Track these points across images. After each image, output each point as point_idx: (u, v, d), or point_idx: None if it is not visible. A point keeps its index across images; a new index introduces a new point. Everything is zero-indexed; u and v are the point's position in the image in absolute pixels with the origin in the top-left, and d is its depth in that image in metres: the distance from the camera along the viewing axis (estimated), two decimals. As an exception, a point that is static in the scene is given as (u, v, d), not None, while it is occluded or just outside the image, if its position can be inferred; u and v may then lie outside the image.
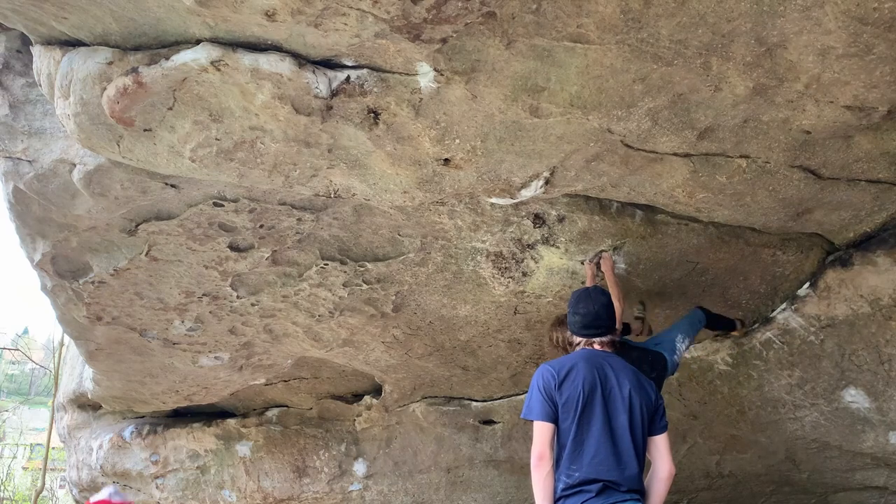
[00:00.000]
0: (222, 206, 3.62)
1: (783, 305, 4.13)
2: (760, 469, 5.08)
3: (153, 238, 3.82)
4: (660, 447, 2.64)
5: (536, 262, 3.93)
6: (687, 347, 3.77)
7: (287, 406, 6.13)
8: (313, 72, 2.49)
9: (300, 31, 2.33)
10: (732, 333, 4.36)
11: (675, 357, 3.64)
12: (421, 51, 2.34)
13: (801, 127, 2.75)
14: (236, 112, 2.65)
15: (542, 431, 2.58)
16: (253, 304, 4.38)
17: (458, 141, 2.77)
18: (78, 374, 6.81)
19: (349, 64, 2.50)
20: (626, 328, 4.11)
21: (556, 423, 2.59)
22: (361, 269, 4.10)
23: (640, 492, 2.56)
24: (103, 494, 2.10)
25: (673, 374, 3.72)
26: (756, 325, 4.30)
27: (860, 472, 4.78)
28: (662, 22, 2.23)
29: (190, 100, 2.61)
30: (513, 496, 5.77)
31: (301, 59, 2.47)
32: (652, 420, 2.64)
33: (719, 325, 4.17)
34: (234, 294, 4.27)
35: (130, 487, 6.70)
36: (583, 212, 3.62)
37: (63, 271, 4.12)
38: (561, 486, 2.54)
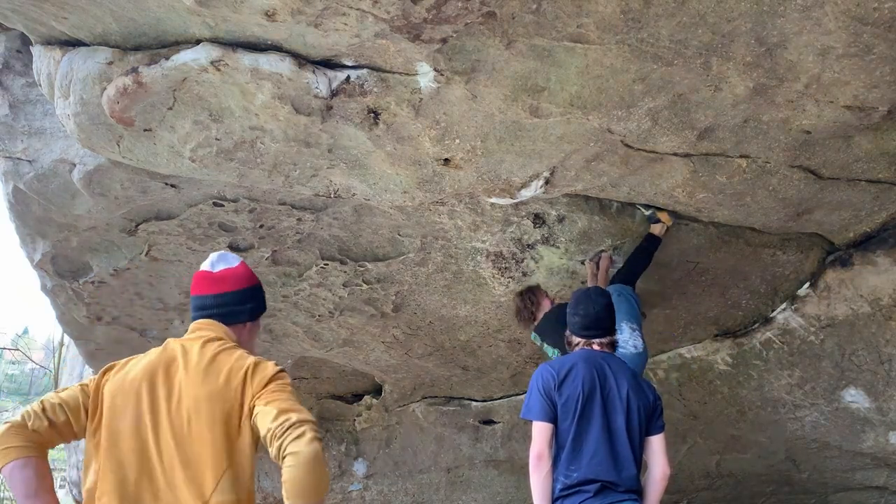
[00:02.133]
0: (222, 206, 3.62)
1: (783, 305, 4.13)
2: (760, 469, 5.08)
3: (153, 238, 3.82)
4: (656, 448, 2.65)
5: (536, 262, 3.94)
6: (633, 332, 3.35)
7: (287, 406, 6.11)
8: (313, 72, 2.49)
9: (300, 31, 2.33)
10: None
11: (622, 351, 3.18)
12: (421, 51, 2.34)
13: (801, 127, 2.75)
14: (236, 112, 2.65)
15: (541, 431, 2.58)
16: (253, 304, 4.37)
17: (458, 141, 2.77)
18: (78, 374, 6.81)
19: (349, 64, 2.50)
20: None
21: (555, 424, 2.59)
22: (361, 269, 4.10)
23: (638, 492, 2.57)
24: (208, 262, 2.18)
25: (640, 367, 3.32)
26: (756, 325, 4.30)
27: (860, 472, 4.78)
28: (662, 22, 2.23)
29: (190, 100, 2.61)
30: (513, 496, 5.77)
31: (301, 59, 2.47)
32: (649, 421, 2.64)
33: None
34: (234, 294, 4.26)
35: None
36: (583, 212, 3.62)
37: (63, 271, 4.12)
38: (559, 486, 2.54)
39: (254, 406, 1.78)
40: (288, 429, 1.65)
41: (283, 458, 1.64)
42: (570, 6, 2.17)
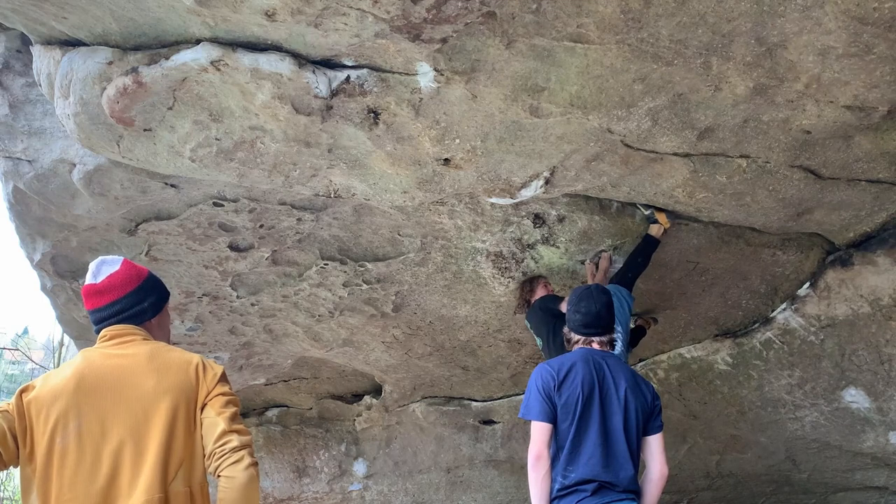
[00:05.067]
0: (222, 206, 3.62)
1: (783, 305, 4.13)
2: (760, 469, 5.08)
3: (153, 238, 3.82)
4: (653, 448, 2.64)
5: (536, 262, 3.94)
6: (622, 332, 3.39)
7: (287, 406, 6.13)
8: (313, 72, 2.49)
9: (300, 30, 2.33)
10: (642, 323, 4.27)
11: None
12: (421, 51, 2.34)
13: (801, 127, 2.75)
14: (236, 112, 2.65)
15: (540, 431, 2.58)
16: (253, 304, 4.38)
17: (458, 141, 2.77)
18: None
19: (349, 64, 2.50)
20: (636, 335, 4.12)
21: (555, 424, 2.59)
22: (361, 269, 4.10)
23: (636, 492, 2.57)
24: None
25: None
26: (756, 325, 4.30)
27: (860, 472, 4.78)
28: (662, 22, 2.23)
29: (190, 100, 2.61)
30: (513, 496, 5.77)
31: (301, 59, 2.47)
32: (647, 421, 2.64)
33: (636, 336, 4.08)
34: (234, 294, 4.27)
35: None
36: (583, 212, 3.62)
37: (63, 271, 4.12)
38: (557, 486, 2.54)
39: (206, 404, 1.86)
40: (228, 452, 1.78)
41: (219, 477, 1.77)
42: (570, 6, 2.17)
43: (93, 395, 1.83)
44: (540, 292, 3.95)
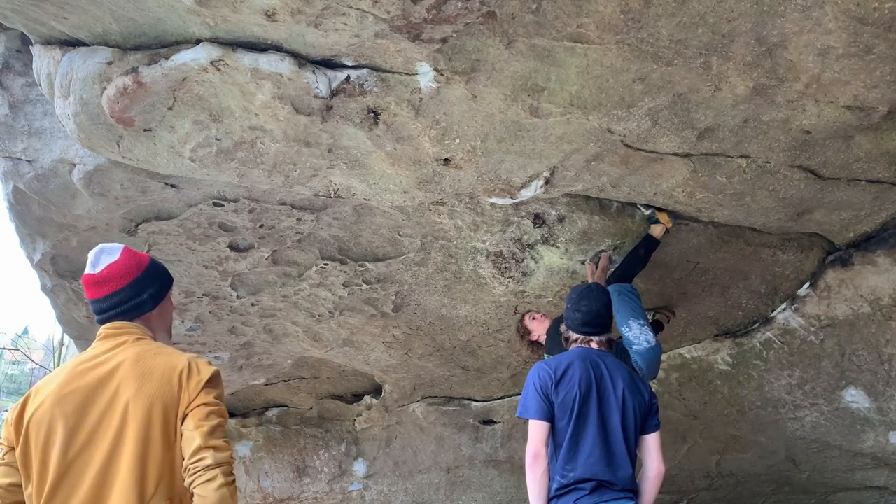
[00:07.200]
0: (222, 206, 3.62)
1: (783, 305, 4.13)
2: (760, 469, 5.08)
3: (153, 238, 3.82)
4: (650, 446, 2.65)
5: (536, 262, 3.94)
6: (642, 327, 3.34)
7: (287, 406, 6.13)
8: (313, 72, 2.49)
9: (300, 30, 2.33)
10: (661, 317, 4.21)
11: (637, 347, 3.28)
12: (421, 51, 2.34)
13: (801, 127, 2.75)
14: (236, 112, 2.65)
15: (537, 430, 2.58)
16: (253, 304, 4.38)
17: (458, 141, 2.77)
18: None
19: (349, 64, 2.50)
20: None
21: (552, 422, 2.59)
22: (361, 269, 4.10)
23: (635, 491, 2.57)
24: None
25: (650, 367, 3.32)
26: (756, 325, 4.30)
27: (860, 472, 4.78)
28: (662, 22, 2.23)
29: (190, 100, 2.61)
30: (513, 496, 5.77)
31: (301, 59, 2.47)
32: (645, 419, 2.64)
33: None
34: (234, 294, 4.27)
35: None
36: (583, 212, 3.62)
37: (63, 271, 4.12)
38: (555, 485, 2.54)
39: (187, 415, 1.79)
40: (201, 470, 1.73)
41: (192, 494, 1.74)
42: (570, 6, 2.17)
43: (78, 409, 1.78)
44: (535, 324, 4.04)
